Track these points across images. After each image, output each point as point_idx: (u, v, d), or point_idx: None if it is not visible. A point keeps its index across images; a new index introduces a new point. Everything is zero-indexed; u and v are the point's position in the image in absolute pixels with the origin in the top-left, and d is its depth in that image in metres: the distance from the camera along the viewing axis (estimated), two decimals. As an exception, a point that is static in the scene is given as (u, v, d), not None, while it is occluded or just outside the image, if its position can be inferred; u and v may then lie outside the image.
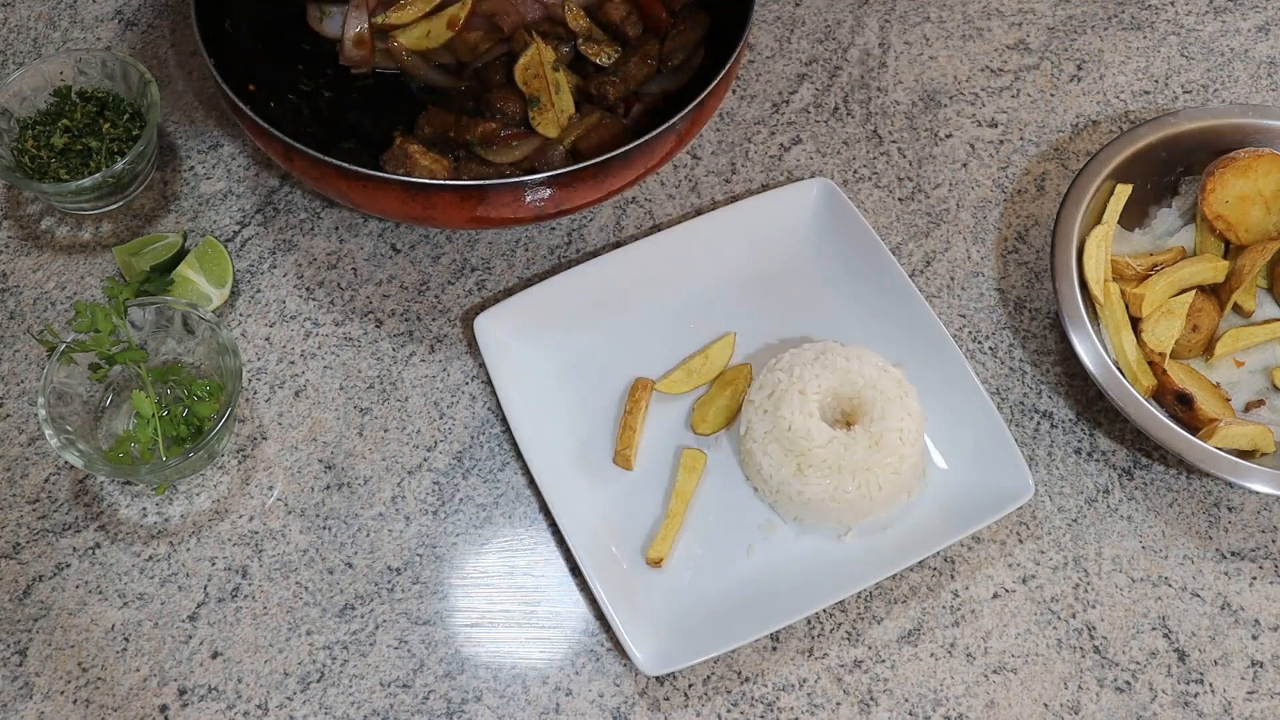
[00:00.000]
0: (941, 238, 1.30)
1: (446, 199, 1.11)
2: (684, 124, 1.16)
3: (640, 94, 1.30)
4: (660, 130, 1.12)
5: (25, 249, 1.29)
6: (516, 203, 1.12)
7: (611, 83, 1.28)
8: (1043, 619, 1.09)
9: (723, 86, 1.18)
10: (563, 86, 1.27)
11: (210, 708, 1.05)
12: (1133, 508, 1.14)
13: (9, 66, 1.42)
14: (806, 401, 1.09)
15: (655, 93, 1.31)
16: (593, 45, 1.32)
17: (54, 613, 1.09)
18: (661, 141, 1.14)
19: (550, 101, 1.27)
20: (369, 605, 1.09)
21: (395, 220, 1.21)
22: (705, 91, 1.15)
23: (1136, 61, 1.43)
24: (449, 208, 1.12)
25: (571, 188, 1.12)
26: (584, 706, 1.05)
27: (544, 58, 1.28)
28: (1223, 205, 1.21)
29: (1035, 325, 1.25)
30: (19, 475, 1.16)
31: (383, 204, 1.13)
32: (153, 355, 1.17)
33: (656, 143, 1.14)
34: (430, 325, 1.24)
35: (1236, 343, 1.19)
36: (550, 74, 1.27)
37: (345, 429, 1.18)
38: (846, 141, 1.37)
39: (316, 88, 1.32)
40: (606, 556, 1.08)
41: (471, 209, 1.12)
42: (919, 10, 1.47)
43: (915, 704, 1.05)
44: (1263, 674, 1.07)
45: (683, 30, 1.31)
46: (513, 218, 1.15)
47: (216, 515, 1.14)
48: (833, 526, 1.10)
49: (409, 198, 1.11)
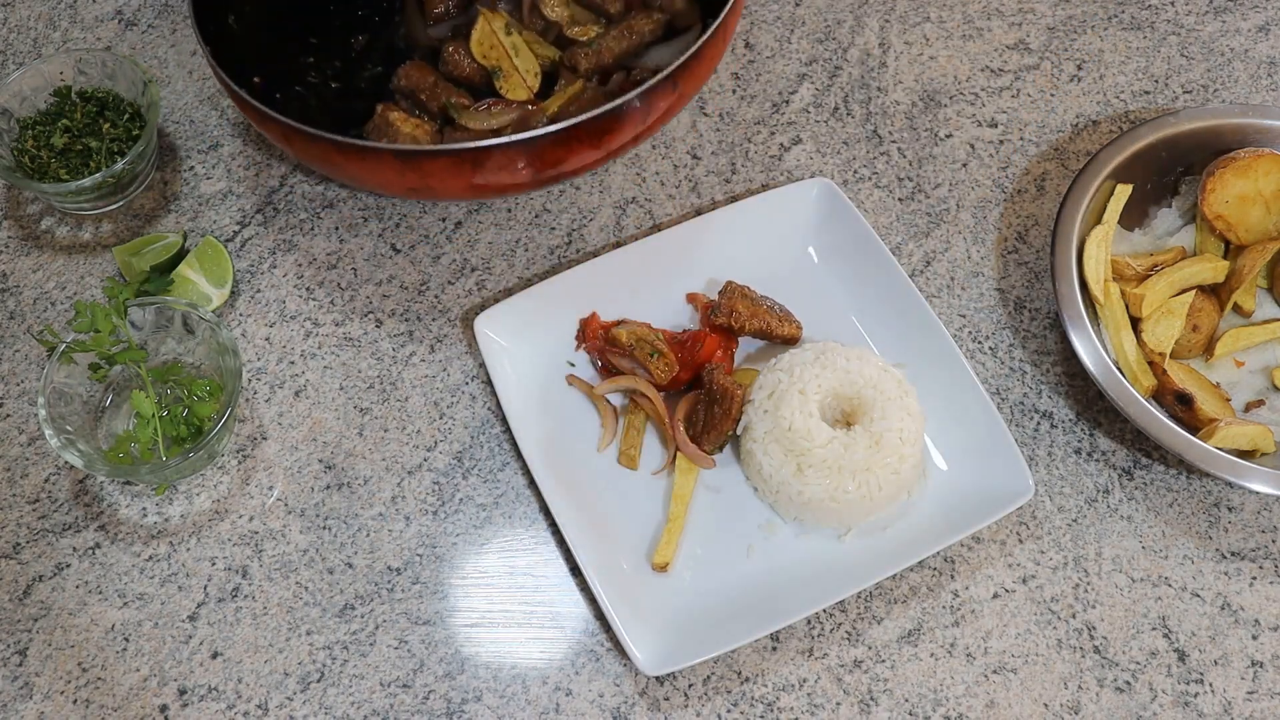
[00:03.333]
0: (941, 238, 1.30)
1: (442, 165, 1.09)
2: (681, 77, 1.13)
3: (629, 67, 1.30)
4: (655, 81, 1.09)
5: (25, 249, 1.29)
6: (513, 165, 1.10)
7: (585, 54, 1.27)
8: (1043, 619, 1.09)
9: (719, 40, 1.15)
10: (520, 48, 1.26)
11: (210, 708, 1.05)
12: (1133, 508, 1.14)
13: (9, 66, 1.42)
14: (807, 401, 1.09)
15: (650, 67, 1.30)
16: (576, 27, 1.32)
17: (54, 613, 1.09)
18: (659, 95, 1.11)
19: (512, 66, 1.26)
20: (369, 605, 1.09)
21: (395, 195, 1.20)
22: (699, 42, 1.11)
23: (1136, 61, 1.43)
24: (445, 175, 1.10)
25: (568, 146, 1.10)
26: (584, 706, 1.05)
27: (494, 26, 1.27)
28: (1223, 205, 1.21)
29: (1035, 325, 1.25)
30: (19, 475, 1.16)
31: (380, 176, 1.11)
32: (153, 355, 1.17)
33: (653, 96, 1.11)
34: (430, 325, 1.24)
35: (1236, 343, 1.19)
36: (504, 39, 1.26)
37: (345, 429, 1.18)
38: (846, 141, 1.37)
39: (324, 79, 1.33)
40: (606, 556, 1.08)
41: (468, 175, 1.10)
42: (919, 10, 1.47)
43: (915, 704, 1.05)
44: (1263, 674, 1.07)
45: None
46: (511, 183, 1.13)
47: (216, 515, 1.14)
48: (833, 526, 1.10)
49: (405, 167, 1.09)
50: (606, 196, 1.32)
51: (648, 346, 1.13)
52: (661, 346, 1.15)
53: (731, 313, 1.18)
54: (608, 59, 1.27)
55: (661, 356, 1.13)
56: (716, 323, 1.18)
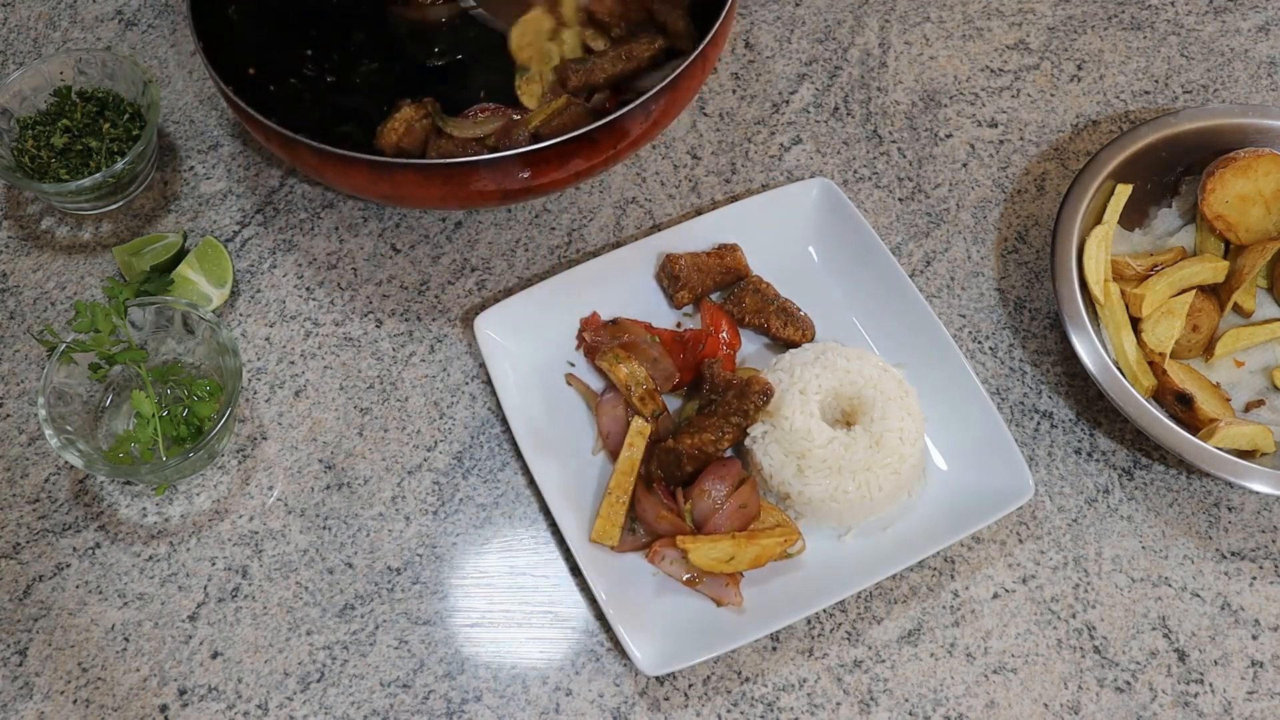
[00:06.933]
0: (941, 238, 1.30)
1: (411, 178, 1.11)
2: (656, 105, 1.14)
3: (620, 88, 1.30)
4: (628, 109, 1.11)
5: (25, 249, 1.29)
6: (481, 182, 1.12)
7: (576, 71, 1.27)
8: (1043, 619, 1.09)
9: (697, 70, 1.16)
10: (554, 58, 1.27)
11: (210, 708, 1.05)
12: (1133, 508, 1.14)
13: (9, 66, 1.42)
14: (807, 401, 1.09)
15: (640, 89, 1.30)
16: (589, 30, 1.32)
17: (54, 613, 1.09)
18: (630, 121, 1.13)
19: (538, 72, 1.26)
20: (369, 605, 1.09)
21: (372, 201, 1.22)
22: (676, 72, 1.13)
23: (1136, 61, 1.43)
24: (414, 186, 1.12)
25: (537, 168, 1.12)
26: (584, 706, 1.05)
27: (543, 25, 1.27)
28: (1223, 205, 1.21)
29: (1035, 325, 1.25)
30: (19, 475, 1.16)
31: (353, 181, 1.14)
32: (153, 355, 1.17)
33: (625, 122, 1.12)
34: (430, 325, 1.24)
35: (1236, 343, 1.19)
36: (547, 44, 1.26)
37: (345, 429, 1.18)
38: (846, 141, 1.37)
39: (320, 73, 1.33)
40: (606, 556, 1.08)
41: (438, 187, 1.12)
42: (919, 10, 1.47)
43: (915, 704, 1.05)
44: (1263, 674, 1.07)
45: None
46: (480, 197, 1.15)
47: (216, 515, 1.14)
48: (833, 526, 1.10)
49: (377, 176, 1.11)
50: (606, 196, 1.32)
51: (640, 389, 1.13)
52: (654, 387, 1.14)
53: (739, 302, 1.20)
54: (598, 78, 1.27)
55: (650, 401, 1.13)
56: (723, 307, 1.20)
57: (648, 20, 1.32)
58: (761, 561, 1.06)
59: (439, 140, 1.23)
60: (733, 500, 1.07)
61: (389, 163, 1.11)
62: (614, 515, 1.08)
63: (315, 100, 1.30)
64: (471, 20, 1.37)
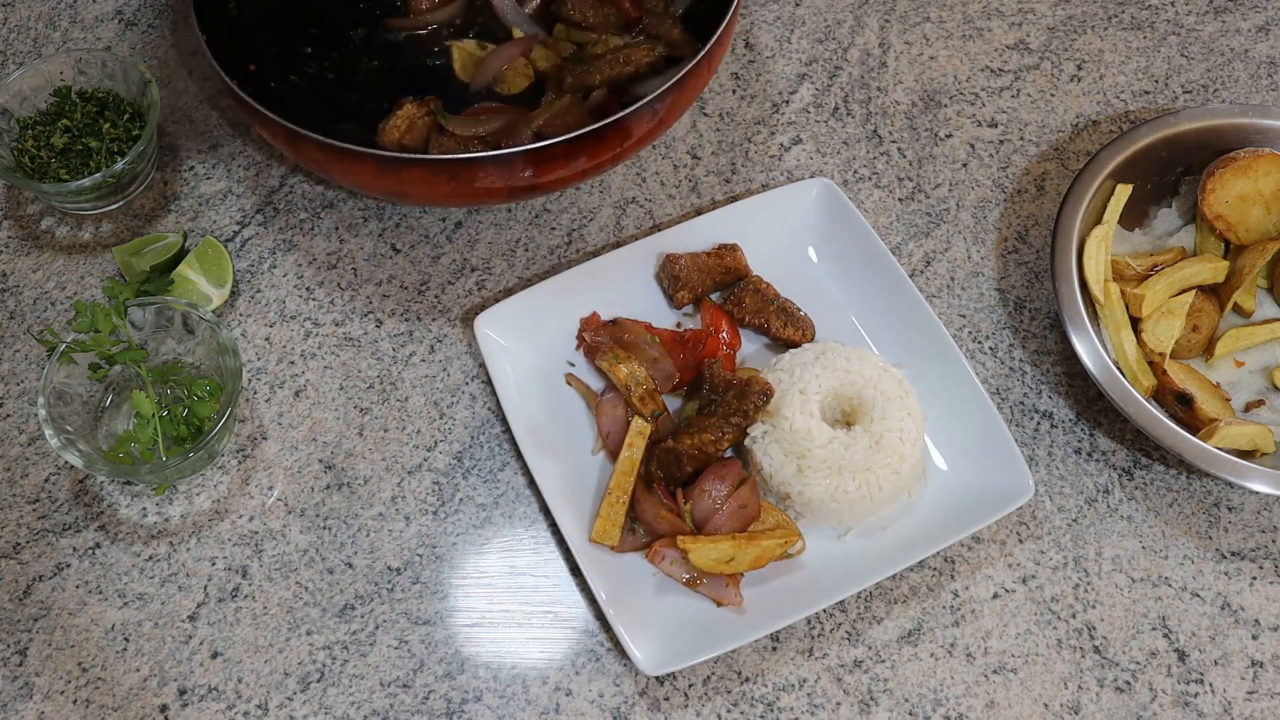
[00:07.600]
0: (941, 238, 1.30)
1: (417, 174, 1.11)
2: (662, 104, 1.15)
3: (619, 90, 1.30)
4: (635, 108, 1.12)
5: (25, 249, 1.29)
6: (489, 178, 1.12)
7: (573, 71, 1.28)
8: (1043, 619, 1.09)
9: (702, 70, 1.17)
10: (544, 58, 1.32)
11: (210, 708, 1.05)
12: (1133, 508, 1.14)
13: (9, 66, 1.42)
14: (807, 401, 1.09)
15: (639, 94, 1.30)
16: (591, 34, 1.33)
17: (54, 613, 1.09)
18: (637, 120, 1.14)
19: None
20: (369, 605, 1.09)
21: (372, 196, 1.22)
22: (681, 72, 1.14)
23: (1136, 61, 1.43)
24: (419, 183, 1.12)
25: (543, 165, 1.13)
26: (584, 706, 1.05)
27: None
28: (1223, 205, 1.21)
29: (1035, 325, 1.25)
30: (19, 475, 1.16)
31: (359, 177, 1.14)
32: (153, 355, 1.17)
33: (632, 121, 1.13)
34: (430, 325, 1.24)
35: (1236, 343, 1.19)
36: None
37: (345, 429, 1.18)
38: (846, 141, 1.37)
39: (321, 70, 1.33)
40: (606, 556, 1.08)
41: (444, 184, 1.12)
42: (919, 10, 1.47)
43: (915, 704, 1.05)
44: (1263, 674, 1.07)
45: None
46: (486, 194, 1.15)
47: (216, 515, 1.14)
48: (833, 526, 1.10)
49: (383, 172, 1.11)
50: (606, 196, 1.32)
51: (640, 389, 1.13)
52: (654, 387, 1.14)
53: (739, 302, 1.19)
54: (594, 81, 1.27)
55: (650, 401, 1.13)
56: (723, 307, 1.20)
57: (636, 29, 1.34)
58: (762, 562, 1.06)
59: (440, 138, 1.23)
60: (733, 500, 1.07)
61: (396, 158, 1.11)
62: (614, 515, 1.08)
63: (316, 97, 1.30)
64: (469, 22, 1.37)
